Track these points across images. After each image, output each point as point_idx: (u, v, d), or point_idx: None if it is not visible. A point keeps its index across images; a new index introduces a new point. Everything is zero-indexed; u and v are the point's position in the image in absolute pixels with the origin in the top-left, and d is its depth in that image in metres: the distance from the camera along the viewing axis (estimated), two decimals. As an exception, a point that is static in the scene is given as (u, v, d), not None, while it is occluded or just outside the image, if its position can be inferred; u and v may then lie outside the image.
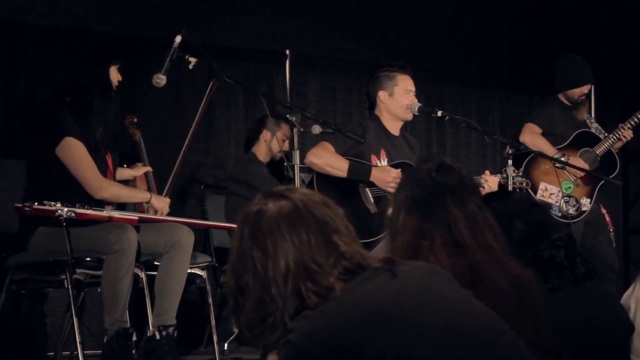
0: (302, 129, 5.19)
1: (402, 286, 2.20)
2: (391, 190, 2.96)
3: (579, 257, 3.11)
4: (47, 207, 4.50)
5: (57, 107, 4.95)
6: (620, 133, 6.87)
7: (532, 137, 6.77)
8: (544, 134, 6.82)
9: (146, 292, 5.18)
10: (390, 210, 2.79)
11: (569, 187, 6.76)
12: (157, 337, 4.93)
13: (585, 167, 6.65)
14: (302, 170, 5.49)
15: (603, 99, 8.46)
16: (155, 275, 5.06)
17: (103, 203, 4.96)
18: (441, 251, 2.61)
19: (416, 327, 2.10)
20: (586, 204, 6.77)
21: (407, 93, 5.63)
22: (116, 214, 4.81)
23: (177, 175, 5.62)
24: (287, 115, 5.11)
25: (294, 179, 4.96)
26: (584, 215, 6.74)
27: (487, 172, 5.56)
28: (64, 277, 4.75)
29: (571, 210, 6.69)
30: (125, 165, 5.66)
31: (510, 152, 5.36)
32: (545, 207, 3.29)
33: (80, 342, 4.69)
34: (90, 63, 5.02)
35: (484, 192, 5.34)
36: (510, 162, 5.38)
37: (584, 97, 6.97)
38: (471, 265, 2.57)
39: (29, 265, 4.91)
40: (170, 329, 4.95)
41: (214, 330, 5.65)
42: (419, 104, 5.63)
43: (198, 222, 6.01)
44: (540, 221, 3.12)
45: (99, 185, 4.90)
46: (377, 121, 5.68)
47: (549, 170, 6.58)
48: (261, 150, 6.86)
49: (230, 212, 6.57)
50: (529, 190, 6.44)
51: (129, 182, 5.54)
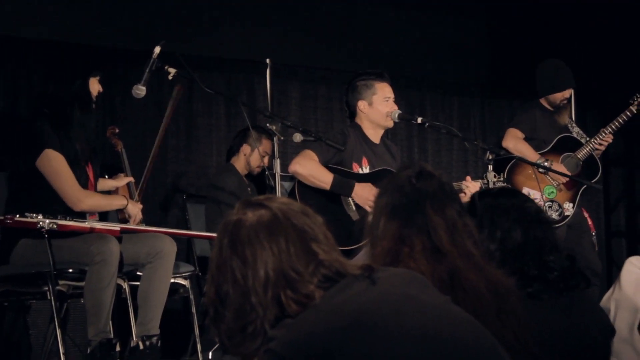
0: (282, 138, 5.19)
1: (381, 293, 2.21)
2: (369, 210, 2.99)
3: (577, 275, 3.11)
4: (29, 219, 4.50)
5: (37, 119, 4.95)
6: (601, 138, 6.90)
7: (515, 142, 6.80)
8: (526, 139, 6.84)
9: (129, 302, 5.18)
10: (370, 217, 2.80)
11: (552, 192, 6.79)
12: (141, 347, 4.92)
13: (567, 172, 6.68)
14: (284, 178, 5.52)
15: (583, 102, 8.50)
16: (138, 285, 5.06)
17: (85, 213, 4.96)
18: (421, 257, 2.62)
19: (395, 334, 2.11)
20: (569, 208, 6.80)
21: (386, 100, 5.64)
22: (98, 225, 4.82)
23: (147, 181, 5.63)
24: (268, 125, 5.12)
25: (275, 188, 4.97)
26: (567, 220, 6.77)
27: (468, 178, 5.59)
28: (46, 288, 4.75)
29: (554, 215, 6.71)
30: (107, 176, 5.67)
31: (490, 157, 5.39)
32: (550, 224, 3.26)
33: (63, 354, 4.69)
34: (70, 75, 5.02)
35: (465, 198, 5.36)
36: (490, 167, 5.41)
37: (565, 102, 7.00)
38: (451, 271, 2.58)
39: (11, 278, 4.90)
40: (154, 339, 4.95)
41: (197, 340, 5.66)
42: (399, 111, 5.65)
43: (180, 232, 6.00)
44: (538, 238, 3.12)
45: (77, 198, 4.90)
46: (358, 129, 5.69)
47: (531, 175, 6.60)
48: (240, 163, 6.94)
49: (210, 221, 6.62)
50: None
51: (112, 193, 5.54)
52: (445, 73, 9.01)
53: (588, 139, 6.94)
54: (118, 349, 4.81)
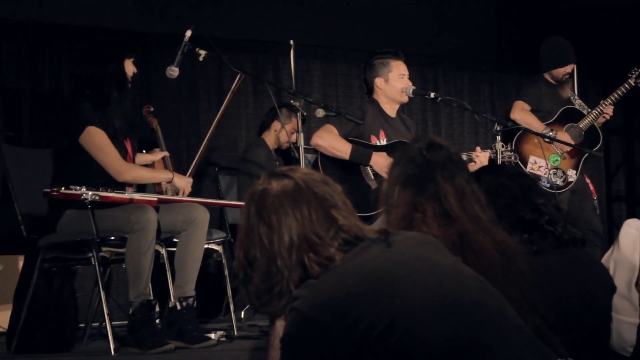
0: (305, 113, 5.20)
1: (397, 255, 2.23)
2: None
3: (563, 223, 3.13)
4: (74, 192, 4.53)
5: (79, 99, 4.97)
6: (601, 109, 6.88)
7: (522, 114, 6.78)
8: (532, 111, 6.82)
9: (167, 267, 5.22)
10: (385, 186, 2.81)
11: (557, 160, 6.78)
12: (178, 307, 4.96)
13: (571, 141, 6.67)
14: (307, 151, 5.53)
15: (585, 75, 8.46)
16: (174, 251, 5.09)
17: (124, 185, 4.98)
18: (432, 222, 2.63)
19: (409, 292, 2.13)
20: (572, 175, 6.79)
21: (401, 77, 5.64)
22: (137, 196, 4.83)
23: (201, 158, 5.62)
24: (292, 101, 5.13)
25: (299, 160, 4.99)
26: (570, 186, 6.76)
27: (478, 148, 5.58)
28: (90, 255, 4.77)
29: (559, 182, 6.71)
30: (144, 151, 5.68)
31: (498, 129, 5.37)
32: (532, 177, 3.31)
33: (107, 314, 4.72)
34: (108, 58, 5.04)
35: (475, 166, 5.36)
36: (498, 138, 5.39)
37: (567, 76, 6.98)
38: (460, 234, 2.59)
39: (58, 245, 4.93)
40: (190, 300, 4.98)
41: (230, 300, 5.68)
42: (413, 87, 5.64)
43: (213, 201, 6.05)
44: (524, 188, 3.15)
45: (120, 169, 4.92)
46: (375, 104, 5.69)
47: (537, 145, 6.58)
48: (270, 138, 6.97)
49: (241, 191, 6.65)
50: (518, 162, 6.47)
51: (148, 167, 5.56)
52: (456, 50, 8.99)
53: (590, 110, 6.92)
54: (157, 309, 4.84)
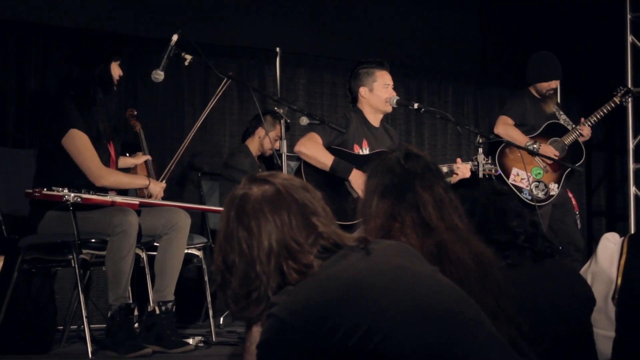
0: (289, 120, 5.20)
1: (375, 263, 2.22)
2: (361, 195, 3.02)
3: (540, 239, 3.13)
4: (56, 193, 4.52)
5: (63, 100, 4.95)
6: (579, 129, 6.92)
7: (505, 128, 6.81)
8: (517, 125, 6.86)
9: (147, 270, 5.21)
10: (362, 196, 2.81)
11: (539, 173, 6.81)
12: (157, 312, 4.94)
13: (554, 154, 6.70)
14: (290, 158, 5.53)
15: (568, 91, 8.51)
16: (155, 255, 5.08)
17: (106, 189, 4.97)
18: (411, 232, 2.63)
19: (387, 300, 2.12)
20: (554, 188, 6.82)
21: (386, 87, 5.65)
22: (119, 199, 4.83)
23: (176, 163, 5.60)
24: (276, 108, 5.13)
25: (282, 167, 4.98)
26: (551, 199, 6.79)
27: (458, 160, 5.60)
28: (71, 257, 4.77)
29: (540, 194, 6.73)
30: (127, 154, 5.67)
31: (480, 141, 5.39)
32: (509, 194, 3.30)
33: (86, 317, 4.70)
34: (94, 60, 5.03)
35: (457, 178, 5.38)
36: (480, 150, 5.41)
37: (552, 92, 7.01)
38: (438, 244, 2.60)
39: (39, 246, 4.92)
40: (169, 304, 4.97)
41: (209, 306, 5.68)
42: (397, 97, 5.65)
43: (194, 206, 6.03)
44: (498, 209, 3.14)
45: (99, 174, 4.90)
46: (359, 113, 5.69)
47: (520, 158, 6.60)
48: (254, 144, 6.96)
49: (223, 197, 6.65)
50: (502, 175, 6.49)
51: (131, 170, 5.54)
52: (441, 62, 9.02)
53: (574, 126, 6.95)
54: (136, 313, 4.83)
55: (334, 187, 5.32)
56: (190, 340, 5.03)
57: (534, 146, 6.68)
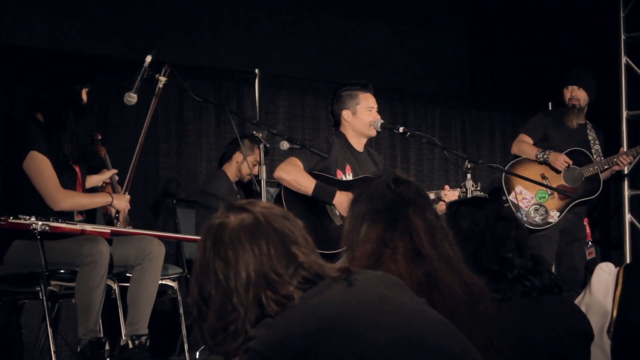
0: (268, 145, 5.21)
1: (358, 295, 2.22)
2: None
3: (540, 275, 3.13)
4: (22, 221, 4.50)
5: (26, 123, 4.95)
6: (616, 159, 6.91)
7: (519, 145, 6.88)
8: (539, 141, 6.89)
9: (119, 303, 5.19)
10: (347, 223, 2.80)
11: (543, 197, 6.81)
12: (130, 346, 4.92)
13: (564, 162, 6.72)
14: (269, 184, 5.52)
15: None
16: (127, 286, 5.06)
17: (72, 214, 4.96)
18: (402, 259, 2.63)
19: (371, 334, 2.12)
20: (554, 216, 6.81)
21: (370, 110, 5.66)
22: (89, 227, 4.82)
23: (134, 170, 5.48)
24: (254, 132, 5.14)
25: (260, 193, 4.98)
26: (549, 226, 6.77)
27: (446, 187, 5.63)
28: (38, 288, 4.74)
29: (537, 219, 6.75)
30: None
31: (469, 166, 5.40)
32: (514, 222, 3.29)
33: (55, 352, 4.69)
34: (64, 82, 5.03)
35: (442, 206, 5.38)
36: (469, 176, 5.42)
37: (575, 102, 7.00)
38: (428, 273, 2.60)
39: (5, 278, 4.89)
40: (143, 338, 4.95)
41: (185, 340, 5.66)
42: (382, 121, 5.66)
43: (169, 235, 6.03)
44: (496, 236, 3.15)
45: (56, 197, 4.87)
46: (342, 138, 5.70)
47: (530, 176, 6.59)
48: (231, 170, 6.94)
49: (199, 225, 6.63)
50: (503, 189, 6.52)
51: (99, 188, 5.51)
52: (427, 85, 9.06)
53: (602, 159, 6.94)
54: (107, 347, 4.80)
55: (315, 214, 5.32)
56: (165, 377, 5.02)
57: (544, 155, 6.72)
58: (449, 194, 5.49)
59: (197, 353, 6.47)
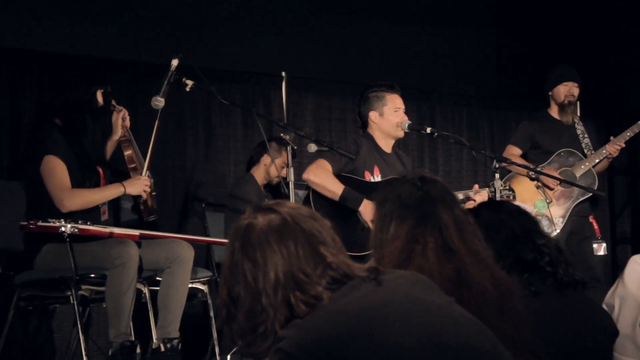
0: (295, 147, 5.21)
1: (387, 294, 2.22)
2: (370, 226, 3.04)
3: (564, 265, 3.14)
4: (51, 224, 4.53)
5: (44, 127, 5.00)
6: (606, 150, 6.86)
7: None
8: (530, 149, 6.85)
9: (149, 306, 5.20)
10: (375, 223, 2.80)
11: (543, 206, 6.76)
12: (162, 349, 4.93)
13: (556, 173, 6.69)
14: (298, 186, 5.52)
15: (587, 113, 8.49)
16: (157, 290, 5.07)
17: (98, 215, 4.97)
18: (432, 255, 2.63)
19: (400, 333, 2.11)
20: (558, 223, 6.76)
21: (397, 111, 5.65)
22: (117, 230, 4.84)
23: (152, 156, 5.41)
24: (281, 135, 5.14)
25: (289, 196, 4.98)
26: (556, 234, 6.73)
27: (476, 186, 5.62)
28: (69, 293, 4.76)
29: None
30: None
31: (497, 166, 5.38)
32: (531, 217, 3.31)
33: (86, 356, 4.70)
34: (80, 86, 5.06)
35: (473, 205, 5.36)
36: (497, 175, 5.41)
37: (571, 98, 6.96)
38: (458, 270, 2.60)
39: (36, 283, 4.92)
40: (175, 342, 4.96)
41: (216, 343, 5.67)
42: (409, 122, 5.66)
43: (198, 238, 6.02)
44: (525, 227, 3.17)
45: (61, 198, 4.89)
46: (370, 139, 5.69)
47: (526, 189, 6.59)
48: (259, 173, 6.95)
49: (228, 228, 6.62)
50: (517, 202, 6.46)
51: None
52: (454, 85, 9.03)
53: (593, 152, 6.90)
54: (139, 351, 4.81)
55: (344, 216, 5.31)
56: (196, 380, 5.03)
57: (535, 175, 6.67)
58: (479, 193, 5.48)
59: (228, 356, 6.47)
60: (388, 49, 8.58)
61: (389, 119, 5.64)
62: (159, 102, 4.94)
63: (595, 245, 6.86)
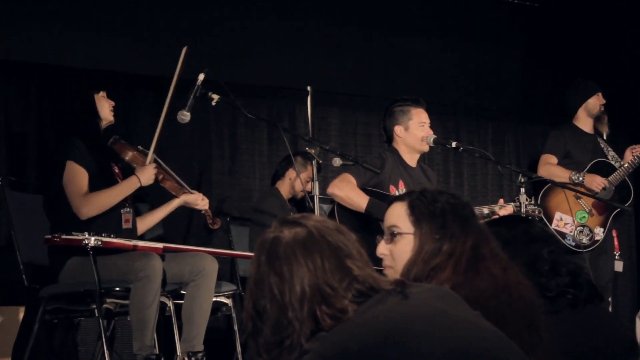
0: (320, 161, 5.21)
1: (414, 308, 2.21)
2: None
3: (585, 284, 3.12)
4: (75, 237, 4.55)
5: (63, 139, 5.03)
6: (632, 154, 6.85)
7: (547, 168, 6.80)
8: (562, 159, 6.84)
9: (174, 320, 5.20)
10: (419, 245, 2.76)
11: (584, 217, 6.75)
12: (188, 362, 4.94)
13: (600, 183, 6.65)
14: (322, 200, 5.52)
15: (614, 123, 8.46)
16: (181, 303, 5.07)
17: (120, 225, 4.98)
18: (459, 268, 2.61)
19: (426, 347, 2.10)
20: (599, 233, 6.76)
21: (422, 126, 5.64)
22: (141, 243, 4.86)
23: (157, 143, 5.40)
24: (307, 149, 5.14)
25: (314, 210, 4.98)
26: (597, 244, 6.73)
27: (501, 201, 5.59)
28: (94, 306, 4.77)
29: (585, 240, 6.68)
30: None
31: (522, 180, 5.36)
32: (543, 242, 3.26)
33: (111, 370, 4.71)
34: (77, 95, 5.13)
35: (498, 219, 5.35)
36: (522, 190, 5.39)
37: (603, 109, 6.98)
38: (486, 282, 2.58)
39: (61, 296, 4.93)
40: (199, 355, 4.96)
41: (240, 357, 5.66)
42: (434, 136, 5.65)
43: (222, 251, 6.03)
44: (527, 261, 3.11)
45: (79, 204, 4.90)
46: (395, 153, 5.69)
47: (565, 200, 6.55)
48: (285, 187, 6.96)
49: (253, 242, 6.63)
50: (543, 217, 6.44)
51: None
52: (480, 99, 9.01)
53: (622, 163, 6.89)
54: (164, 364, 4.83)
55: (369, 230, 5.30)
56: (220, 394, 5.02)
57: (578, 177, 6.66)
58: (504, 208, 5.46)
59: (253, 370, 6.46)
60: (413, 64, 8.57)
61: (414, 133, 5.63)
62: (185, 116, 4.96)
63: (615, 262, 6.85)
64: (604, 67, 8.68)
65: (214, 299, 5.19)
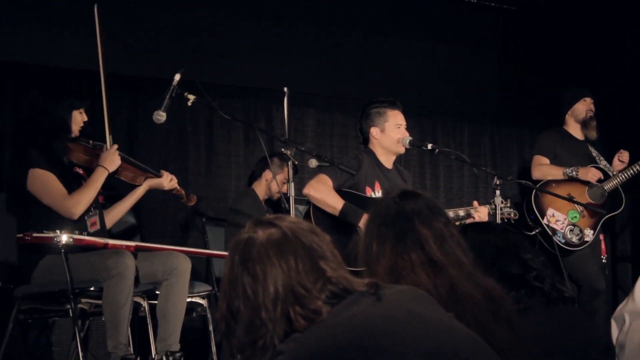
0: (297, 163, 5.21)
1: (387, 309, 2.21)
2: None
3: (551, 280, 3.14)
4: (47, 235, 4.54)
5: (24, 143, 5.02)
6: (635, 169, 6.91)
7: (540, 169, 6.86)
8: (552, 162, 6.88)
9: (148, 320, 5.19)
10: (362, 243, 2.80)
11: (575, 217, 6.80)
12: (165, 362, 4.93)
13: (594, 176, 6.71)
14: (298, 201, 5.52)
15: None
16: (156, 303, 5.06)
17: (86, 225, 4.97)
18: (420, 271, 2.63)
19: (399, 348, 2.10)
20: (589, 234, 6.80)
21: (398, 127, 5.66)
22: (112, 241, 4.85)
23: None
24: (283, 150, 5.14)
25: (289, 211, 4.98)
26: (585, 245, 6.77)
27: (475, 203, 5.61)
28: (69, 306, 4.75)
29: (574, 239, 6.72)
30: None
31: (497, 182, 5.39)
32: (519, 234, 3.31)
33: (85, 369, 4.69)
34: (56, 105, 5.10)
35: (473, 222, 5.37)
36: (498, 192, 5.41)
37: (591, 114, 7.03)
38: (451, 283, 2.59)
39: (36, 296, 4.91)
40: (177, 355, 4.94)
41: (215, 357, 5.65)
42: (410, 138, 5.66)
43: (196, 250, 6.00)
44: (510, 242, 3.17)
45: (68, 207, 4.92)
46: (371, 155, 5.70)
47: (557, 198, 6.59)
48: (261, 188, 6.95)
49: (229, 243, 6.59)
50: (537, 216, 6.48)
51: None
52: (456, 102, 9.02)
53: (615, 172, 6.94)
54: (138, 365, 4.81)
55: (344, 231, 5.31)
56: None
57: (572, 171, 6.71)
58: (479, 210, 5.48)
59: (227, 371, 6.45)
60: (390, 66, 8.58)
61: (390, 135, 5.65)
62: (160, 116, 4.95)
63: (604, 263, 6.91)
64: (582, 72, 8.71)
65: (189, 300, 5.18)
